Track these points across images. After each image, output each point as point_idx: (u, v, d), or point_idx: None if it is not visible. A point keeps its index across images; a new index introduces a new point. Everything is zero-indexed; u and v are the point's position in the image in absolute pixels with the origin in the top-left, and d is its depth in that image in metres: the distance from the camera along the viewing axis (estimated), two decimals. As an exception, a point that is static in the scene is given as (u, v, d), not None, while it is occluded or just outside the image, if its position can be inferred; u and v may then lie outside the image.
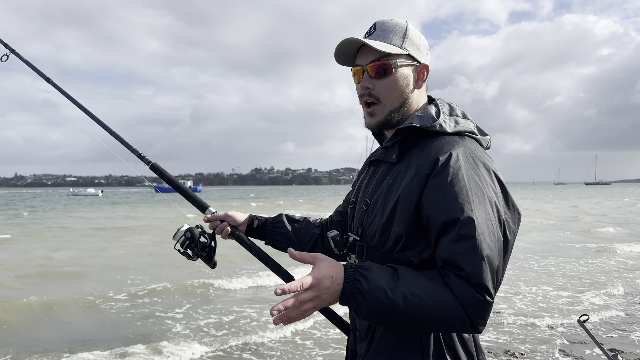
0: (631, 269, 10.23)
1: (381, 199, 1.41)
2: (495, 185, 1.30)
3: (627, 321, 6.31)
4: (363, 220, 1.48)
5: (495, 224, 1.23)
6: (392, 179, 1.41)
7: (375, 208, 1.43)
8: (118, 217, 28.29)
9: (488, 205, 1.24)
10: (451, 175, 1.25)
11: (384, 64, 1.40)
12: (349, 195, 1.82)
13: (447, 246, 1.21)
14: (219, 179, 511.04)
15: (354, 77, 1.51)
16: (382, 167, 1.51)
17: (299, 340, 5.66)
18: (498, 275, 1.20)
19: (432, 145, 1.35)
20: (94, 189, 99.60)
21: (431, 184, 1.27)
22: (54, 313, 7.00)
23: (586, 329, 2.70)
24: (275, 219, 1.85)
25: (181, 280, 9.01)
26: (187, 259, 1.79)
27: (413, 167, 1.35)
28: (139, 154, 1.93)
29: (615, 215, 27.01)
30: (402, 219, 1.32)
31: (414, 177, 1.31)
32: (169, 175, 1.89)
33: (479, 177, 1.28)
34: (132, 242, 15.63)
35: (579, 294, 7.82)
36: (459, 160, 1.29)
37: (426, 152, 1.34)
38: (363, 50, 1.45)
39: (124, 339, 5.78)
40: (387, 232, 1.37)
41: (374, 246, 1.43)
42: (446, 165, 1.27)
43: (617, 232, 17.89)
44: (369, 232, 1.44)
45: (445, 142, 1.35)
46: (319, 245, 1.81)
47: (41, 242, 15.75)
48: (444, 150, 1.31)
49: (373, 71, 1.42)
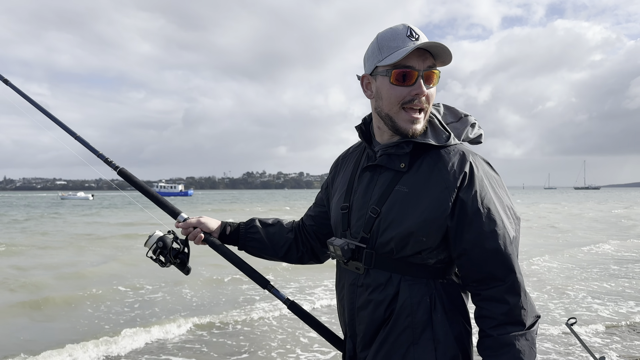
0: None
1: (397, 208, 1.41)
2: (504, 187, 1.46)
3: (617, 325, 6.34)
4: (372, 228, 1.45)
5: (515, 223, 1.42)
6: (406, 188, 1.42)
7: (390, 217, 1.42)
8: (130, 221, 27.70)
9: (507, 207, 1.42)
10: (479, 188, 1.38)
11: (436, 73, 1.44)
12: (320, 199, 1.80)
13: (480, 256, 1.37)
14: (211, 183, 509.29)
15: (394, 76, 1.40)
16: (383, 174, 1.48)
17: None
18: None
19: (449, 156, 1.42)
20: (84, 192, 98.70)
21: (462, 197, 1.37)
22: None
23: (574, 332, 2.70)
24: (248, 224, 1.83)
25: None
26: (160, 265, 1.76)
27: (437, 178, 1.39)
28: (105, 158, 1.88)
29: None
30: (433, 230, 1.38)
31: (444, 189, 1.37)
32: (138, 181, 1.84)
33: (497, 184, 1.44)
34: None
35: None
36: (480, 171, 1.41)
37: (447, 164, 1.40)
38: (416, 52, 1.38)
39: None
40: (405, 240, 1.39)
41: (385, 253, 1.43)
42: (472, 178, 1.38)
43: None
44: (381, 240, 1.43)
45: (460, 152, 1.43)
46: (293, 250, 1.80)
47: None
48: (466, 162, 1.40)
49: (428, 78, 1.42)
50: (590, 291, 8.41)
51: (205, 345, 5.72)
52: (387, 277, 1.44)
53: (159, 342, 5.85)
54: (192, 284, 8.97)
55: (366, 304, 1.47)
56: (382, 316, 1.44)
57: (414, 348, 1.39)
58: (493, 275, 1.36)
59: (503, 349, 1.33)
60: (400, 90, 1.40)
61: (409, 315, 1.40)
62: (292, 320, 6.41)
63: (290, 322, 6.41)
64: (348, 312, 1.54)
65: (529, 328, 1.36)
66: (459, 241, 1.38)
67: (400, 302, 1.41)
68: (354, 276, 1.51)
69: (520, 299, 1.35)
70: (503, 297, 1.35)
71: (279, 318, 6.73)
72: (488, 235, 1.35)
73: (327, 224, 1.75)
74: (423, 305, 1.40)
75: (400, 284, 1.42)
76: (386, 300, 1.43)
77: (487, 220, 1.35)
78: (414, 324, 1.40)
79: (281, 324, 6.49)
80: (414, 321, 1.40)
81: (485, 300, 1.38)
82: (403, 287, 1.42)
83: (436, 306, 1.41)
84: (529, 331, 1.35)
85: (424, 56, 1.40)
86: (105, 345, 5.54)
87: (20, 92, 2.03)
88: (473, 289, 1.42)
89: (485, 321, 1.37)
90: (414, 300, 1.40)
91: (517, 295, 1.35)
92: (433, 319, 1.40)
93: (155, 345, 5.72)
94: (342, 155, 1.75)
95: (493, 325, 1.36)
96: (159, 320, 6.64)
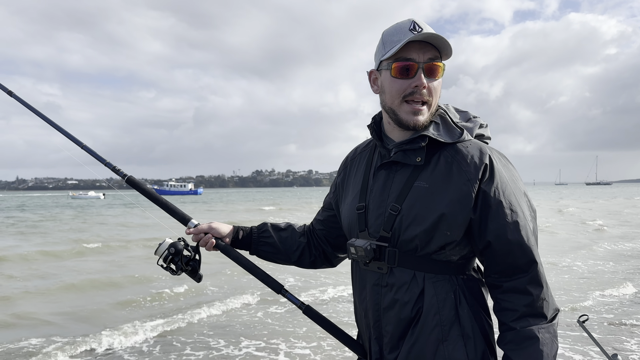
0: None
1: (419, 204, 1.40)
2: (520, 179, 1.48)
3: (628, 321, 6.27)
4: (394, 226, 1.44)
5: (534, 215, 1.44)
6: (426, 184, 1.42)
7: (412, 213, 1.41)
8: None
9: (526, 199, 1.44)
10: (500, 180, 1.40)
11: (439, 65, 1.44)
12: (328, 203, 1.78)
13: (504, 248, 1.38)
14: (220, 182, 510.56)
15: (395, 69, 1.42)
16: (400, 170, 1.48)
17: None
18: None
19: (467, 149, 1.43)
20: (94, 192, 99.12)
21: (484, 189, 1.38)
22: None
23: (586, 329, 2.67)
24: (261, 229, 1.81)
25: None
26: (171, 274, 1.73)
27: (458, 172, 1.40)
28: (113, 167, 1.87)
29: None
30: (456, 223, 1.38)
31: (467, 182, 1.38)
32: (146, 188, 1.83)
33: (515, 177, 1.45)
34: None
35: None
36: (499, 163, 1.43)
37: (466, 157, 1.41)
38: (417, 45, 1.40)
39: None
40: (429, 236, 1.39)
41: (409, 251, 1.43)
42: (493, 171, 1.40)
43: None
44: (404, 237, 1.42)
45: (478, 145, 1.45)
46: (306, 254, 1.79)
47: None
48: (485, 154, 1.41)
49: (430, 70, 1.42)
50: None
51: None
52: (411, 275, 1.43)
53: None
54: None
55: (392, 303, 1.45)
56: (409, 315, 1.43)
57: (444, 345, 1.39)
58: (516, 267, 1.37)
59: (525, 342, 1.32)
60: (401, 83, 1.42)
61: (437, 312, 1.40)
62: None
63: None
64: (373, 314, 1.51)
65: (550, 321, 1.35)
66: (483, 233, 1.39)
67: (427, 300, 1.41)
68: (377, 276, 1.48)
69: (542, 290, 1.35)
70: (526, 289, 1.35)
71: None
72: (511, 226, 1.36)
73: (336, 228, 1.74)
74: (449, 302, 1.41)
75: (425, 281, 1.42)
76: (412, 299, 1.42)
77: (509, 212, 1.37)
78: (442, 321, 1.40)
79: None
80: (441, 318, 1.40)
81: (507, 292, 1.38)
82: (428, 284, 1.41)
83: (461, 302, 1.41)
84: (551, 324, 1.35)
85: (425, 48, 1.40)
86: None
87: (26, 104, 2.02)
88: (495, 281, 1.41)
89: (507, 314, 1.37)
90: (439, 298, 1.41)
91: (539, 286, 1.35)
92: (460, 315, 1.40)
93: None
94: (351, 156, 1.73)
95: (515, 317, 1.35)
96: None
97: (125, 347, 5.67)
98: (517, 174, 1.48)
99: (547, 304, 1.35)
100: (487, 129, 1.56)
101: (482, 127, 1.54)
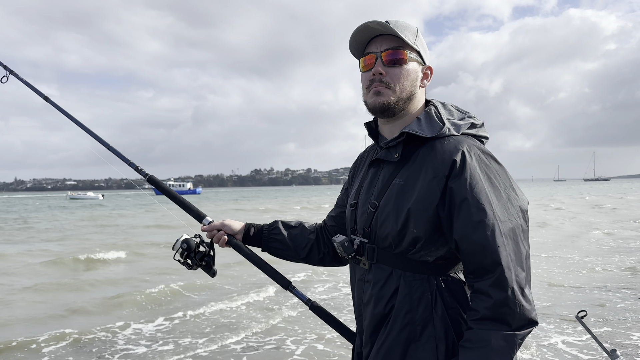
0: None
1: (393, 201, 1.42)
2: (507, 178, 1.39)
3: (627, 316, 6.36)
4: (372, 223, 1.48)
5: (516, 216, 1.34)
6: (402, 180, 1.43)
7: (387, 210, 1.43)
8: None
9: (506, 201, 1.34)
10: (469, 177, 1.33)
11: (399, 52, 1.45)
12: (340, 200, 1.83)
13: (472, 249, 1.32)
14: (219, 181, 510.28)
15: (361, 65, 1.52)
16: (384, 168, 1.52)
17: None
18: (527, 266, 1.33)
19: (443, 146, 1.40)
20: (93, 192, 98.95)
21: (451, 186, 1.34)
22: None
23: (584, 324, 2.72)
24: (271, 226, 1.87)
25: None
26: (187, 268, 1.81)
27: (428, 168, 1.38)
28: (136, 167, 1.97)
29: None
30: (422, 221, 1.36)
31: (432, 178, 1.36)
32: (166, 187, 1.92)
33: (493, 174, 1.37)
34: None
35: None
36: (473, 160, 1.36)
37: (439, 153, 1.38)
38: (377, 39, 1.49)
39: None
40: (402, 233, 1.39)
41: (386, 248, 1.45)
42: (464, 167, 1.34)
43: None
44: (380, 234, 1.45)
45: (456, 142, 1.40)
46: (315, 251, 1.83)
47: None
48: (458, 151, 1.36)
49: (387, 58, 1.46)
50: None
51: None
52: (388, 272, 1.44)
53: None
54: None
55: (370, 299, 1.49)
56: (382, 312, 1.44)
57: (415, 346, 1.38)
58: (483, 267, 1.30)
59: (478, 344, 1.27)
60: (365, 75, 1.51)
61: (409, 312, 1.39)
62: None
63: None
64: (356, 308, 1.58)
65: (514, 330, 1.27)
66: (450, 231, 1.35)
67: (399, 298, 1.41)
68: (362, 272, 1.54)
69: (506, 295, 1.26)
70: (487, 291, 1.29)
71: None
72: (475, 225, 1.30)
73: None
74: (424, 302, 1.39)
75: (401, 279, 1.42)
76: (386, 296, 1.44)
77: (475, 210, 1.30)
78: (414, 321, 1.39)
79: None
80: (414, 318, 1.39)
81: (474, 293, 1.34)
82: (403, 283, 1.41)
83: (437, 303, 1.38)
84: (513, 333, 1.27)
85: (384, 41, 1.47)
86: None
87: (60, 108, 2.13)
88: (469, 281, 1.37)
89: (470, 313, 1.33)
90: (414, 297, 1.40)
91: (502, 290, 1.26)
92: (434, 316, 1.38)
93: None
94: (361, 155, 1.78)
95: (476, 318, 1.30)
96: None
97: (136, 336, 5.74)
98: (504, 174, 1.40)
99: (511, 311, 1.26)
100: (482, 129, 1.52)
101: (476, 127, 1.51)
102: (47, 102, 2.15)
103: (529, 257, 1.33)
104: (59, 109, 2.13)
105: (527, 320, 1.28)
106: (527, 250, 1.33)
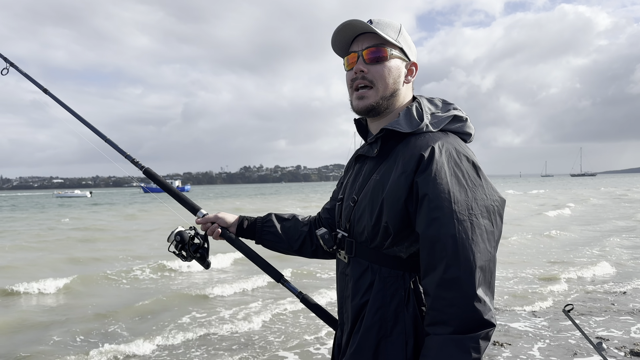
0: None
1: (369, 196, 1.45)
2: (478, 177, 1.35)
3: (613, 308, 6.46)
4: (351, 217, 1.52)
5: (479, 215, 1.29)
6: (379, 176, 1.45)
7: (363, 205, 1.46)
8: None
9: (471, 200, 1.30)
10: (434, 172, 1.31)
11: (380, 50, 1.48)
12: (335, 193, 1.84)
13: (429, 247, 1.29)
14: (208, 178, 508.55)
15: (345, 64, 1.56)
16: (367, 163, 1.55)
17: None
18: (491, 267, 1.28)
19: (416, 142, 1.40)
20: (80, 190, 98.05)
21: (416, 181, 1.33)
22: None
23: (571, 318, 2.77)
24: (265, 219, 1.88)
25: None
26: (182, 260, 1.84)
27: (400, 163, 1.39)
28: (132, 159, 1.99)
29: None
30: (391, 215, 1.37)
31: (401, 174, 1.36)
32: (162, 180, 1.94)
33: (462, 172, 1.34)
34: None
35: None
36: (442, 157, 1.34)
37: (411, 149, 1.39)
38: (359, 38, 1.52)
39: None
40: (376, 228, 1.41)
41: (363, 242, 1.47)
42: (430, 162, 1.33)
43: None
44: (357, 228, 1.49)
45: (430, 138, 1.40)
46: (307, 243, 1.84)
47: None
48: (428, 146, 1.36)
49: (369, 56, 1.48)
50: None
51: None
52: (365, 266, 1.46)
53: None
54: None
55: (349, 292, 1.51)
56: (357, 305, 1.46)
57: (385, 341, 1.38)
58: (432, 264, 1.28)
59: (429, 351, 1.26)
60: (348, 73, 1.55)
61: (381, 307, 1.39)
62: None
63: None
64: (338, 300, 1.61)
65: (463, 332, 1.22)
66: (415, 226, 1.35)
67: (373, 293, 1.42)
68: (343, 265, 1.57)
69: (453, 295, 1.23)
70: (433, 289, 1.27)
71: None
72: (431, 221, 1.28)
73: None
74: (397, 299, 1.39)
75: (376, 274, 1.42)
76: (361, 290, 1.45)
77: (433, 206, 1.28)
78: (386, 317, 1.39)
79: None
80: (386, 314, 1.39)
81: (424, 293, 1.34)
82: (378, 278, 1.42)
83: (409, 300, 1.38)
84: (463, 336, 1.22)
85: (365, 39, 1.50)
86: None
87: (60, 102, 2.14)
88: (422, 282, 1.35)
89: (425, 317, 1.33)
90: (387, 293, 1.40)
91: (448, 289, 1.24)
92: (405, 314, 1.37)
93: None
94: (357, 150, 1.79)
95: (427, 322, 1.30)
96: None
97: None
98: (472, 171, 1.35)
99: (460, 312, 1.22)
100: (465, 124, 1.51)
101: (460, 121, 1.50)
102: (46, 94, 2.17)
103: (491, 259, 1.28)
104: (59, 102, 2.14)
105: (479, 322, 1.22)
106: (489, 250, 1.28)
